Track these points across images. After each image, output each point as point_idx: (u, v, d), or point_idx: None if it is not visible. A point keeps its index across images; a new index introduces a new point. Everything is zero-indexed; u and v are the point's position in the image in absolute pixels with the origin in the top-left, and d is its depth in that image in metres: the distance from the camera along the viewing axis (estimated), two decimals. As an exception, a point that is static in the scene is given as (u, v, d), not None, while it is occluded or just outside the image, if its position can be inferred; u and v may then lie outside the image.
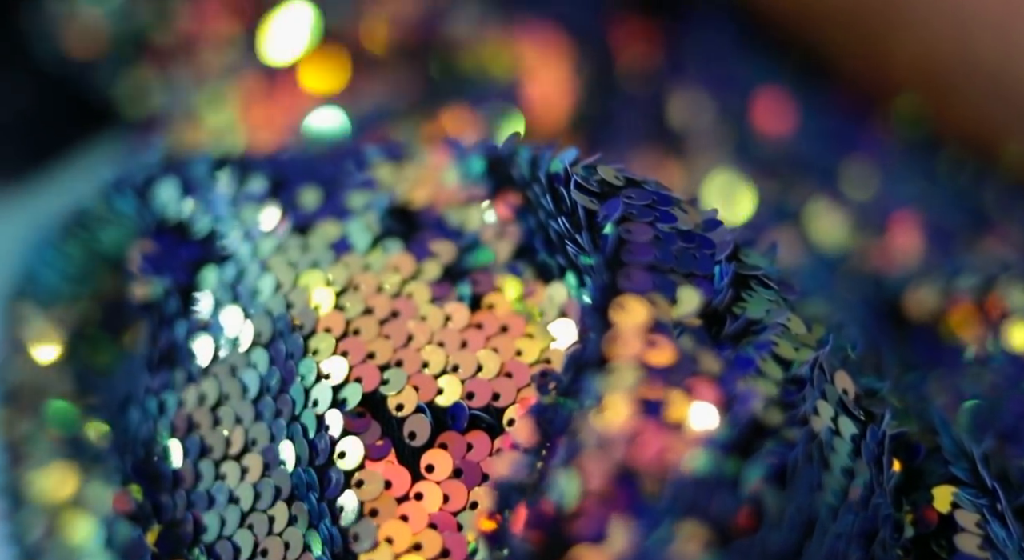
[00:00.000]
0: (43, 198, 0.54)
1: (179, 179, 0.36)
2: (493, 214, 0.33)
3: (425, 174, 0.34)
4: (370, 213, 0.33)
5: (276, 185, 0.35)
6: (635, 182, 0.29)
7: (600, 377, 0.24)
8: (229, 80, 0.49)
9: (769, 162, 0.48)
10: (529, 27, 0.50)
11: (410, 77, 0.50)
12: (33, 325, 0.39)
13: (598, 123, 0.50)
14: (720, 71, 0.50)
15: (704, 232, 0.28)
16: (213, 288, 0.33)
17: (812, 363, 0.26)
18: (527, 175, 0.31)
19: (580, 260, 0.29)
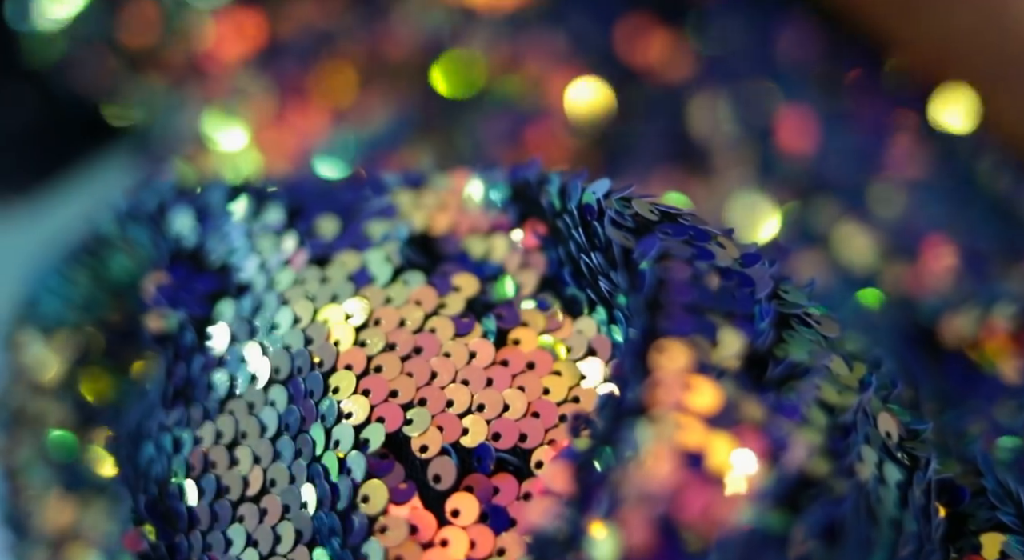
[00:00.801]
0: (50, 212, 0.53)
1: (193, 207, 0.35)
2: (518, 243, 0.32)
3: (446, 200, 0.33)
4: (390, 243, 0.32)
5: (293, 214, 0.34)
6: (670, 216, 0.28)
7: (640, 426, 0.23)
8: (240, 101, 0.48)
9: (794, 181, 0.47)
10: (544, 44, 0.49)
11: (421, 96, 0.49)
12: (34, 351, 0.38)
13: (618, 141, 0.49)
14: (743, 88, 0.49)
15: (743, 267, 0.27)
16: (229, 322, 0.32)
17: (856, 408, 0.25)
18: (556, 204, 0.30)
19: (616, 299, 0.28)
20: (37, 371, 0.38)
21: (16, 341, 0.39)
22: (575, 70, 0.49)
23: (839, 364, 0.26)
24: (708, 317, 0.25)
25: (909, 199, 0.45)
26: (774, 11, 0.50)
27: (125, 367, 0.39)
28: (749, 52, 0.49)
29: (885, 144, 0.47)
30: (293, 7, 0.49)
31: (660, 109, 0.49)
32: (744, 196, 0.47)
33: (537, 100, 0.49)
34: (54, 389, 0.38)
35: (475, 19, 0.49)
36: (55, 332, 0.38)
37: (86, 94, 0.50)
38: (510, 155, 0.48)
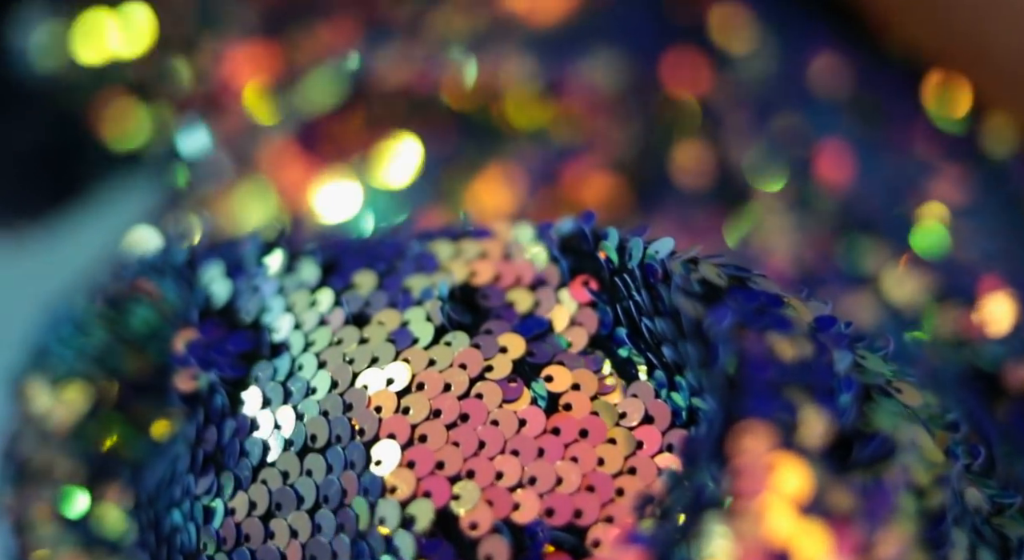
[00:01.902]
0: (63, 239, 0.52)
1: (224, 260, 0.33)
2: (568, 298, 0.30)
3: (488, 250, 0.32)
4: (431, 301, 0.30)
5: (327, 269, 0.32)
6: (740, 280, 0.26)
7: (721, 519, 0.22)
8: (257, 138, 0.46)
9: (834, 215, 0.45)
10: (578, 79, 0.47)
11: (449, 131, 0.47)
12: (44, 402, 0.36)
13: (654, 175, 0.47)
14: (779, 118, 0.47)
15: (817, 332, 0.26)
16: (263, 385, 0.30)
17: (947, 487, 0.24)
18: (614, 261, 0.29)
19: (682, 368, 0.26)
20: (47, 423, 0.36)
21: (25, 391, 0.37)
22: (612, 103, 0.47)
23: (924, 438, 0.24)
24: (788, 394, 0.23)
25: (957, 233, 0.44)
26: (807, 37, 0.48)
27: (141, 421, 0.37)
28: (783, 81, 0.48)
29: (928, 174, 0.46)
30: (309, 36, 0.48)
31: (696, 143, 0.48)
32: (784, 234, 0.45)
33: (573, 134, 0.47)
34: (64, 442, 0.36)
35: (507, 41, 0.48)
36: (66, 383, 0.36)
37: (94, 124, 0.48)
38: (545, 192, 0.47)
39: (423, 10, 0.48)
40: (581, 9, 0.49)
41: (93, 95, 0.47)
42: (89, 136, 0.48)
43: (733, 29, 0.49)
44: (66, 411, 0.36)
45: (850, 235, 0.44)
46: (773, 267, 0.44)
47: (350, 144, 0.47)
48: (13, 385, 0.38)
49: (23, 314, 0.40)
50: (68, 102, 0.47)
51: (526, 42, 0.47)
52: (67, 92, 0.47)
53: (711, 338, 0.24)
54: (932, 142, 0.46)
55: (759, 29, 0.49)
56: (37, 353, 0.38)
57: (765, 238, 0.45)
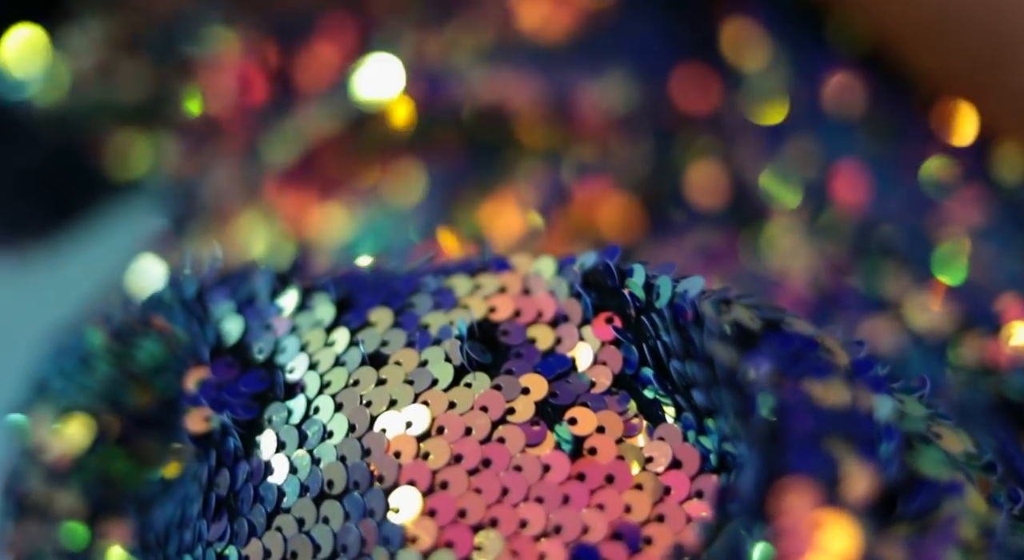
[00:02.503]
0: (66, 259, 0.51)
1: (235, 296, 0.32)
2: (592, 337, 0.29)
3: (507, 283, 0.31)
4: (450, 340, 0.29)
5: (342, 306, 0.31)
6: (774, 324, 0.25)
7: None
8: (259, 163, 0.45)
9: (853, 238, 0.44)
10: (589, 98, 0.46)
11: (459, 152, 0.46)
12: (45, 435, 0.35)
13: (667, 195, 0.46)
14: (794, 139, 0.46)
15: (855, 376, 0.25)
16: (277, 427, 0.29)
17: (993, 540, 0.23)
18: (641, 298, 0.28)
19: (713, 413, 0.25)
20: (48, 456, 0.36)
21: (25, 423, 0.36)
22: (624, 123, 0.46)
23: (968, 488, 0.24)
24: (829, 446, 0.22)
25: (978, 257, 0.43)
26: (820, 55, 0.47)
27: (146, 456, 0.36)
28: (796, 99, 0.47)
29: (944, 194, 0.45)
30: (308, 52, 0.47)
31: (710, 160, 0.47)
32: (803, 257, 0.44)
33: (585, 154, 0.46)
34: (65, 476, 0.36)
35: (516, 60, 0.47)
36: (68, 416, 0.36)
37: (94, 151, 0.48)
38: (557, 214, 0.46)
39: (428, 29, 0.48)
40: (589, 25, 0.48)
41: (92, 124, 0.46)
42: (90, 160, 0.47)
43: (745, 46, 0.48)
44: (67, 445, 0.36)
45: (868, 257, 0.44)
46: (790, 289, 0.43)
47: (355, 167, 0.46)
48: (13, 416, 0.37)
49: (24, 334, 0.39)
50: (67, 130, 0.46)
51: (535, 61, 0.46)
52: (65, 121, 0.46)
53: (747, 387, 0.23)
54: (946, 162, 0.46)
55: (771, 46, 0.48)
56: (39, 385, 0.37)
57: (781, 259, 0.44)
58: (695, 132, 0.47)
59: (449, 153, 0.46)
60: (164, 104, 0.46)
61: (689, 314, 0.27)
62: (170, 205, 0.46)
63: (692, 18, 0.49)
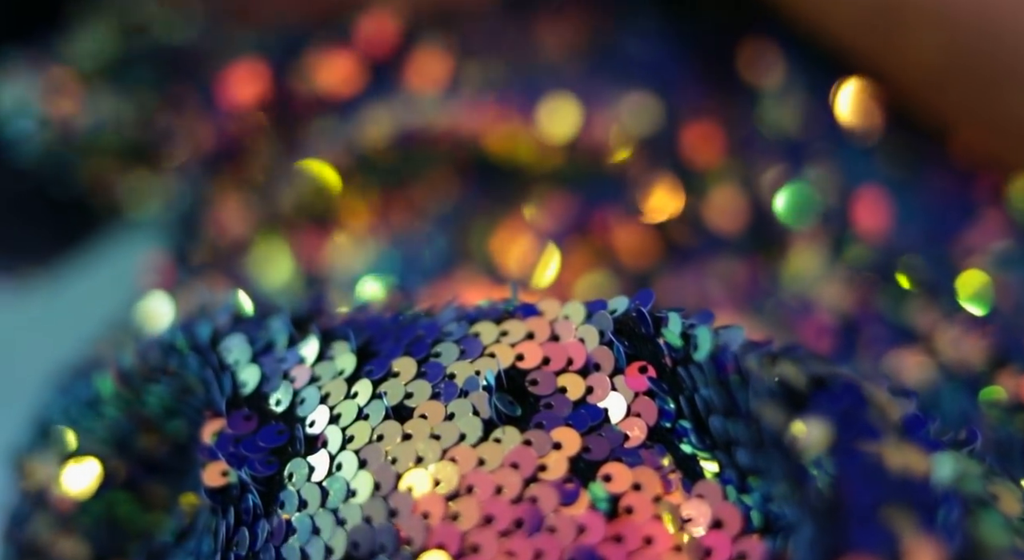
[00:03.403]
0: (69, 285, 0.50)
1: (250, 340, 0.31)
2: (625, 387, 0.28)
3: (536, 329, 0.30)
4: (477, 392, 0.28)
5: (363, 355, 0.30)
6: (820, 380, 0.24)
7: None
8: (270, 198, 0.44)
9: (878, 269, 0.43)
10: (604, 123, 0.45)
11: (473, 180, 0.45)
12: (49, 479, 0.34)
13: (687, 224, 0.45)
14: (813, 164, 0.45)
15: (907, 434, 0.24)
16: (298, 485, 0.28)
17: None
18: (677, 348, 0.27)
19: (760, 475, 0.24)
20: (51, 501, 0.35)
21: (29, 466, 0.35)
22: (642, 148, 0.45)
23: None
24: (889, 517, 0.21)
25: (1004, 288, 0.42)
26: (832, 85, 0.46)
27: (153, 501, 0.35)
28: (812, 128, 0.46)
29: (967, 219, 0.44)
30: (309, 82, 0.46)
31: (729, 186, 0.46)
32: (830, 286, 0.43)
33: (603, 180, 0.45)
34: (69, 521, 0.35)
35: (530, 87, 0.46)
36: (73, 460, 0.35)
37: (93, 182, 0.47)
38: (574, 241, 0.45)
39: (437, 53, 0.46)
40: (602, 49, 0.47)
41: (92, 159, 0.45)
42: (92, 191, 0.46)
43: (761, 67, 0.47)
44: (72, 489, 0.35)
45: (893, 288, 0.42)
46: (814, 319, 0.42)
47: (364, 199, 0.45)
48: (17, 459, 0.36)
49: (26, 362, 0.38)
50: (66, 162, 0.45)
51: (548, 86, 0.45)
52: (65, 157, 0.45)
53: (799, 454, 0.22)
54: (969, 185, 0.45)
55: (787, 67, 0.47)
56: (43, 428, 0.36)
57: (804, 288, 0.43)
58: (713, 157, 0.46)
59: (460, 182, 0.45)
60: (164, 137, 0.45)
61: (731, 369, 0.26)
62: (173, 237, 0.45)
63: (705, 40, 0.48)
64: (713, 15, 0.48)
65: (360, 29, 0.46)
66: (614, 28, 0.47)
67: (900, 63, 0.43)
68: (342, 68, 0.46)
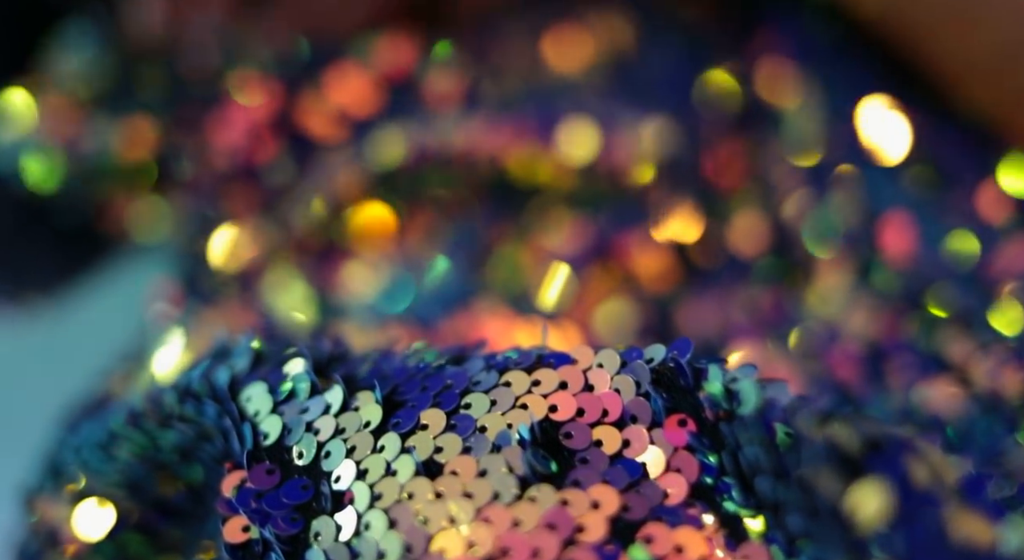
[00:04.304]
0: (75, 313, 0.49)
1: (271, 388, 0.30)
2: (663, 441, 0.27)
3: (569, 378, 0.29)
4: (510, 447, 0.27)
5: (390, 405, 0.29)
6: (875, 443, 0.23)
7: None
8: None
9: (907, 295, 0.42)
10: (626, 145, 0.44)
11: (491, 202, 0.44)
12: (60, 521, 0.33)
13: (710, 248, 0.44)
14: (834, 186, 0.44)
15: (968, 496, 0.23)
16: (324, 545, 0.27)
17: None
18: (719, 401, 0.26)
19: (818, 550, 0.23)
20: (61, 541, 0.33)
21: (39, 506, 0.34)
22: (662, 170, 0.44)
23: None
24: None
25: None
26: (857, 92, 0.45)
27: (166, 543, 0.34)
28: (836, 149, 0.45)
29: (996, 242, 0.43)
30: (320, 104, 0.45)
31: (752, 209, 0.44)
32: (847, 304, 0.42)
33: (624, 203, 0.44)
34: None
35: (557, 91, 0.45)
36: (85, 502, 0.33)
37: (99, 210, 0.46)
38: (595, 265, 0.44)
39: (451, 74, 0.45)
40: (618, 63, 0.46)
41: (97, 185, 0.44)
42: (99, 218, 0.45)
43: (780, 86, 0.46)
44: (83, 531, 0.33)
45: (922, 313, 0.41)
46: (842, 348, 0.41)
47: (379, 223, 0.44)
48: (27, 498, 0.35)
49: (35, 389, 0.37)
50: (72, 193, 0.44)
51: (567, 107, 0.44)
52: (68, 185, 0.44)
53: (857, 527, 0.21)
54: (1000, 207, 0.44)
55: (806, 84, 0.46)
56: (54, 468, 0.35)
57: (831, 315, 0.42)
58: (733, 180, 0.45)
59: (477, 204, 0.43)
60: (173, 160, 0.44)
61: (778, 427, 0.24)
62: (183, 262, 0.44)
63: (725, 61, 0.47)
64: (732, 34, 0.47)
65: (376, 48, 0.45)
66: (633, 47, 0.46)
67: (960, 55, 0.42)
68: (357, 88, 0.45)
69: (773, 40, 0.47)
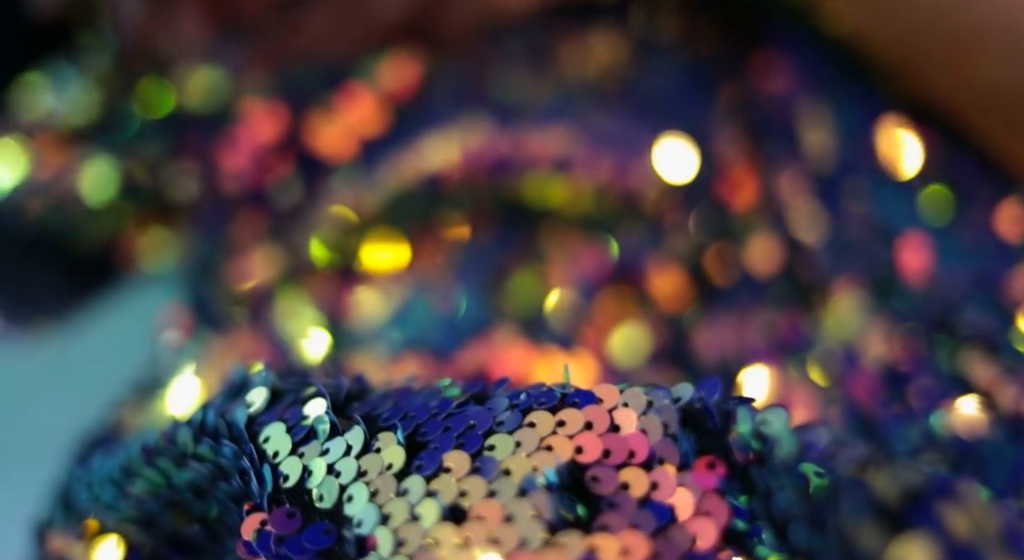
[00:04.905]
0: (82, 336, 0.48)
1: (290, 428, 0.29)
2: (692, 483, 0.27)
3: (595, 420, 0.28)
4: (537, 492, 0.27)
5: (412, 446, 0.28)
6: (915, 493, 0.23)
7: None
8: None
9: (926, 316, 0.41)
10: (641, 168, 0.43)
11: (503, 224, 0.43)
12: (72, 554, 0.33)
13: (726, 270, 0.43)
14: (851, 204, 0.44)
15: (1012, 545, 0.22)
16: (349, 593, 0.27)
17: None
18: (750, 444, 0.25)
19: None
20: None
21: (50, 539, 0.34)
22: (678, 193, 0.44)
23: None
24: None
25: None
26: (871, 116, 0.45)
27: None
28: (852, 168, 0.44)
29: (1014, 261, 0.42)
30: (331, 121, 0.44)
31: (767, 230, 0.44)
32: (865, 325, 0.41)
33: (638, 225, 0.43)
34: None
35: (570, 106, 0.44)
36: (96, 534, 0.33)
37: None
38: (610, 288, 0.43)
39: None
40: (627, 83, 0.46)
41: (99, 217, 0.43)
42: (108, 245, 0.45)
43: (789, 105, 0.45)
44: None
45: (942, 335, 0.41)
46: (862, 370, 0.41)
47: (390, 245, 0.43)
48: (38, 530, 0.35)
49: (45, 416, 0.37)
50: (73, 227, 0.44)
51: (581, 128, 0.43)
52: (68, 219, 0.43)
53: None
54: (1019, 226, 0.43)
55: (816, 104, 0.45)
56: (64, 501, 0.34)
57: (847, 335, 0.42)
58: (749, 202, 0.44)
59: (489, 227, 0.43)
60: (179, 187, 0.44)
61: (810, 473, 0.24)
62: (192, 288, 0.43)
63: (735, 79, 0.46)
64: (739, 54, 0.47)
65: (382, 71, 0.45)
66: (637, 67, 0.46)
67: (962, 88, 0.42)
68: (365, 110, 0.44)
69: (777, 61, 0.46)
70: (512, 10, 0.45)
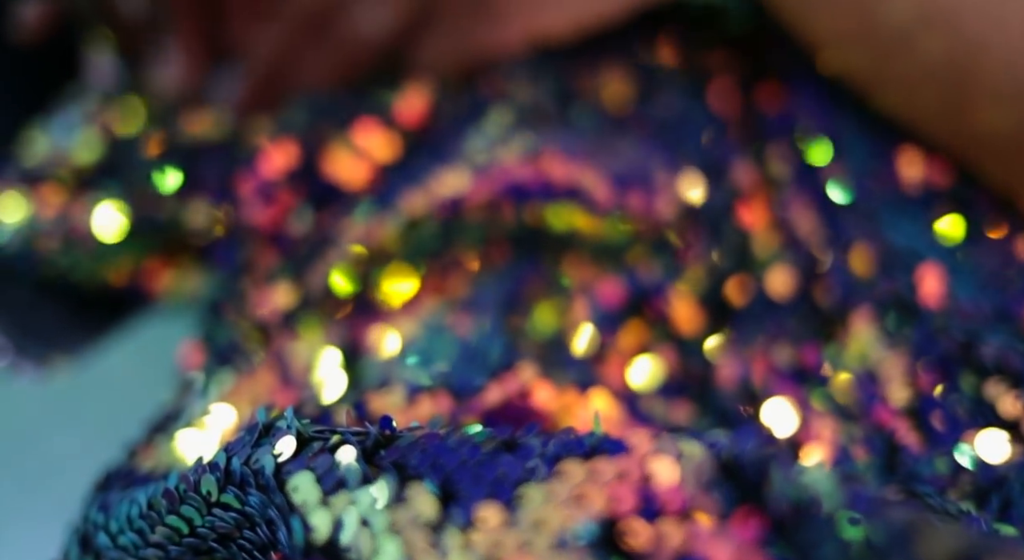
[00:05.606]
0: (94, 365, 0.48)
1: (319, 477, 0.29)
2: (730, 536, 0.26)
3: (627, 471, 0.28)
4: (570, 545, 0.26)
5: (444, 497, 0.28)
6: (962, 557, 0.22)
7: None
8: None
9: (948, 346, 0.41)
10: (656, 198, 0.43)
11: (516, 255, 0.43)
12: None
13: (744, 299, 0.43)
14: (868, 239, 0.43)
15: None
16: (383, 650, 0.26)
17: None
18: (789, 497, 0.25)
19: None
20: None
21: None
22: (694, 222, 0.43)
23: None
24: None
25: None
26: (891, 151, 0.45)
27: None
28: (870, 197, 0.44)
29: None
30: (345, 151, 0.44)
31: (785, 258, 0.44)
32: (888, 354, 0.41)
33: (657, 253, 0.43)
34: None
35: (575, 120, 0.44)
36: None
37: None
38: (632, 319, 0.43)
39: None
40: (641, 112, 0.45)
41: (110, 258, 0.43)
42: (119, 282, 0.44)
43: (801, 135, 0.45)
44: None
45: (965, 365, 0.41)
46: (884, 403, 0.40)
47: (405, 276, 0.43)
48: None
49: (59, 449, 0.36)
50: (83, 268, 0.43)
51: (598, 156, 0.43)
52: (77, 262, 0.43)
53: None
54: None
55: (840, 135, 0.45)
56: (82, 539, 0.34)
57: (868, 365, 0.41)
58: (764, 231, 0.44)
59: (508, 256, 0.43)
60: (191, 224, 0.43)
61: (852, 529, 0.24)
62: (207, 322, 0.43)
63: (740, 108, 0.46)
64: (748, 81, 0.47)
65: (394, 102, 0.44)
66: (651, 95, 0.46)
67: (966, 136, 0.42)
68: (377, 141, 0.44)
69: (787, 89, 0.46)
70: (500, 49, 0.45)
